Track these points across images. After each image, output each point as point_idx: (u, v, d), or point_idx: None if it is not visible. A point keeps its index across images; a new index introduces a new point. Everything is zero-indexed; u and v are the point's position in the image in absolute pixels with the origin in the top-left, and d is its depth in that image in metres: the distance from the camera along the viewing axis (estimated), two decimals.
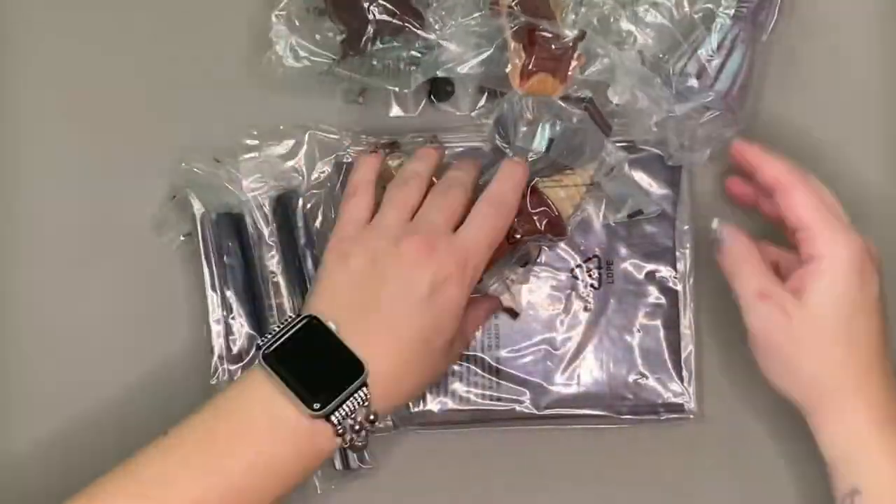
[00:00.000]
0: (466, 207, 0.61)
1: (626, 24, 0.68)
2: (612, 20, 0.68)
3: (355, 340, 0.56)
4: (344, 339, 0.56)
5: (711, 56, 0.67)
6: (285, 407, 0.55)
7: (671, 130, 0.68)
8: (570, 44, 0.66)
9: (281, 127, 0.69)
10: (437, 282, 0.58)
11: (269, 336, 0.57)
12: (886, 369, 0.58)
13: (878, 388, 0.57)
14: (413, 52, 0.67)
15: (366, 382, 0.56)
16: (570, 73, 0.66)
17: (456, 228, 0.60)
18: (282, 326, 0.58)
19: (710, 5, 0.68)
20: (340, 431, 0.55)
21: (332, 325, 0.57)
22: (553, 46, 0.66)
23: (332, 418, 0.55)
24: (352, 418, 0.55)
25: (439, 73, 0.67)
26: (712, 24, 0.67)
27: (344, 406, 0.55)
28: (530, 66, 0.66)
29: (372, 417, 0.56)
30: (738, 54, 0.67)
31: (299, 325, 0.57)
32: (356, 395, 0.56)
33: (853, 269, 0.57)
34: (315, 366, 0.56)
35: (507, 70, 0.66)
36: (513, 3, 0.65)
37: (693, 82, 0.67)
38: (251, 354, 0.67)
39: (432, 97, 0.70)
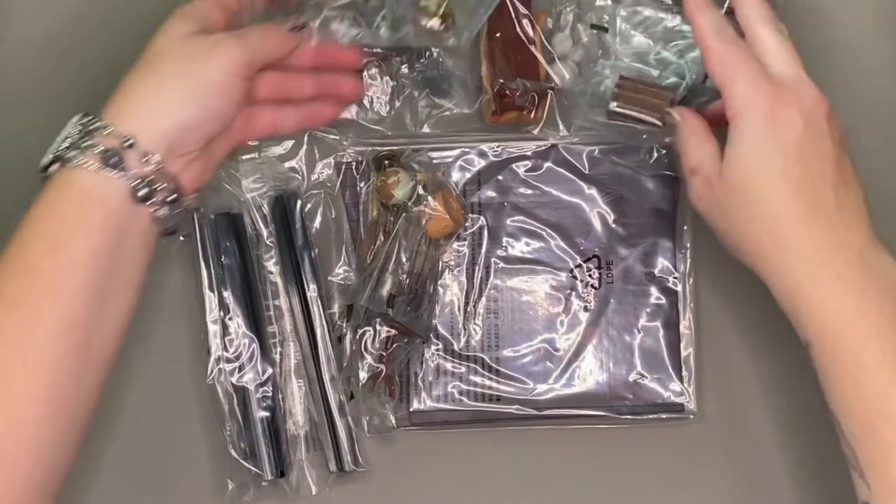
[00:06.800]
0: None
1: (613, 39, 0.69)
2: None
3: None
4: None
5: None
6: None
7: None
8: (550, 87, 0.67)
9: None
10: None
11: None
12: (840, 216, 0.54)
13: (820, 236, 0.54)
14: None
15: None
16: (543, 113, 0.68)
17: None
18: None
19: None
20: (137, 187, 0.55)
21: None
22: (528, 91, 0.67)
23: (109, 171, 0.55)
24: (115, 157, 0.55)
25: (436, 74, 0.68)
26: None
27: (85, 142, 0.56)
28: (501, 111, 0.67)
29: (151, 158, 0.56)
30: None
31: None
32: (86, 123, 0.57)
33: (759, 121, 0.55)
34: None
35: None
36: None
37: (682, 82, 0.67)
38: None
39: (430, 94, 0.70)
